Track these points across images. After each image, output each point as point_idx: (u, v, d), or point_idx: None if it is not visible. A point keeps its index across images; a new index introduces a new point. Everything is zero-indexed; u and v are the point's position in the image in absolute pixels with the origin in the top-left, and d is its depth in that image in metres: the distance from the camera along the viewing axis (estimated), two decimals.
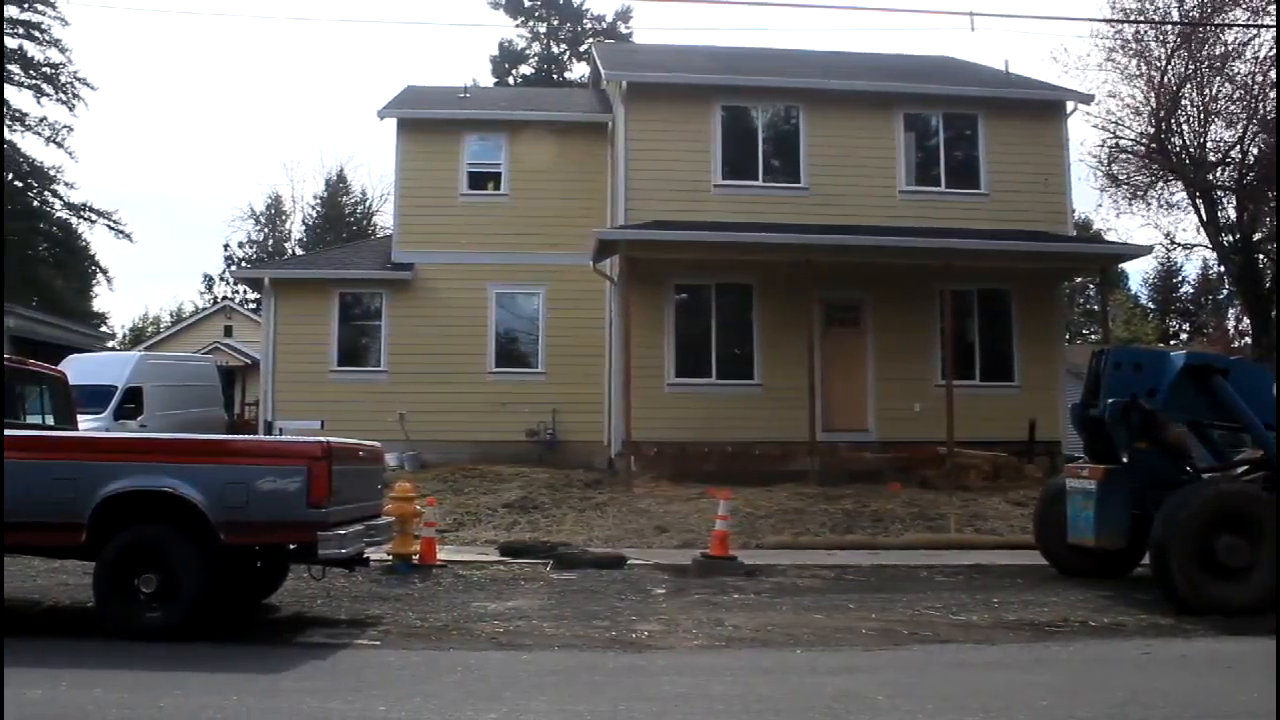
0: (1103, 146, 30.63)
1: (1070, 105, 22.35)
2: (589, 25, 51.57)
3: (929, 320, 20.28)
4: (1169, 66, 28.10)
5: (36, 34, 45.43)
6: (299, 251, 54.81)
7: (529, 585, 11.27)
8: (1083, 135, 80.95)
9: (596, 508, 16.32)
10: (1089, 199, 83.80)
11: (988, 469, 18.50)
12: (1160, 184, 30.48)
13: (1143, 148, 29.92)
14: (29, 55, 45.54)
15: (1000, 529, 15.24)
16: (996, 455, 18.89)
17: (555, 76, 50.41)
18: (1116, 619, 9.49)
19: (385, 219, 52.09)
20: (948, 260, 19.07)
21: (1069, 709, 6.27)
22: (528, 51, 52.24)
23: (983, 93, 22.12)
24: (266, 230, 60.37)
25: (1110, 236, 32.32)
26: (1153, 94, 28.60)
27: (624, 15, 51.71)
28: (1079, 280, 22.85)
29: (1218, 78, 28.05)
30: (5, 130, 44.17)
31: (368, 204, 59.19)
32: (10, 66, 45.43)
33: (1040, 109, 22.10)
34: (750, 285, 20.47)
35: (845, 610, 9.88)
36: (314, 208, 59.71)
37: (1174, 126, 28.99)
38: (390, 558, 11.66)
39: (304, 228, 59.75)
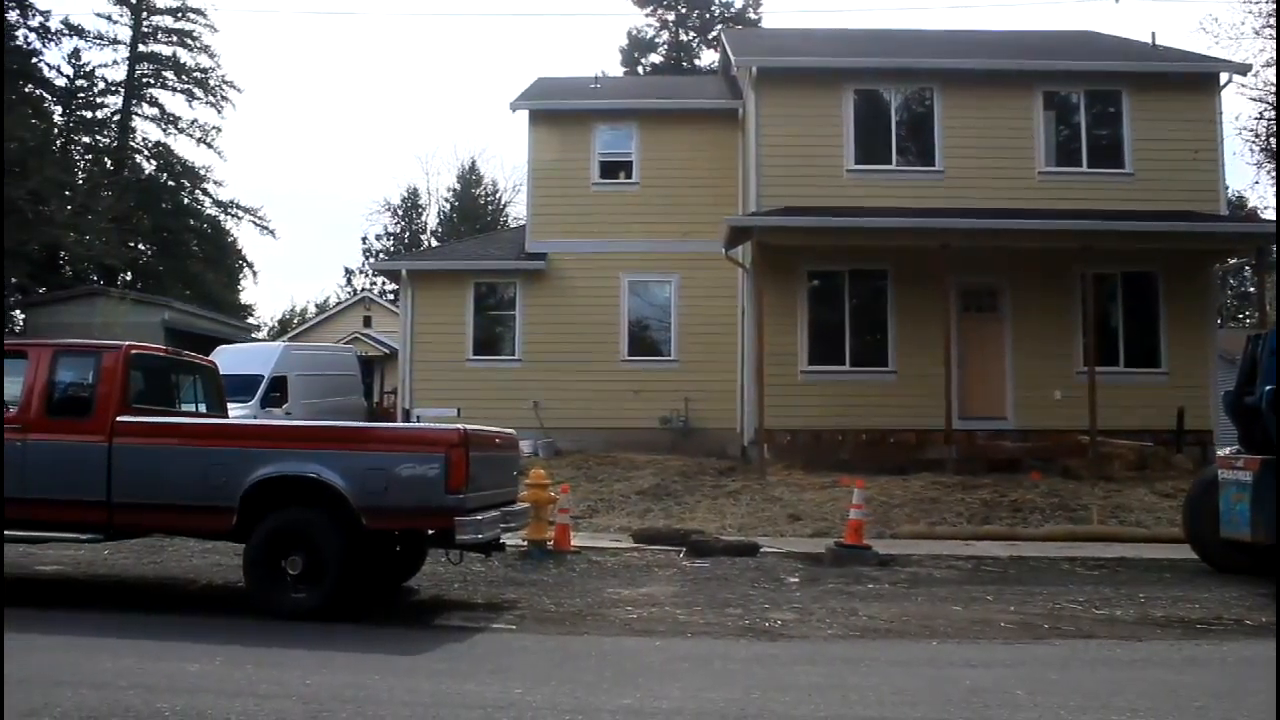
0: (1260, 119, 29.21)
1: (1224, 77, 21.26)
2: (717, 11, 51.38)
3: (1070, 305, 19.66)
4: None
5: (189, 41, 47.54)
6: (434, 243, 56.05)
7: (662, 572, 11.34)
8: (1237, 108, 77.09)
9: (729, 495, 16.31)
10: (1244, 175, 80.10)
11: (1133, 459, 17.87)
12: None
13: None
14: (181, 62, 47.72)
15: (1146, 521, 14.70)
16: (1142, 445, 18.24)
17: (684, 64, 50.38)
18: (1275, 618, 9.04)
19: (518, 210, 53.05)
20: (1090, 243, 18.45)
21: (1225, 712, 5.99)
22: (657, 40, 52.35)
23: (1127, 67, 21.28)
24: (403, 223, 61.93)
25: (1268, 214, 30.83)
26: None
27: (753, 1, 51.39)
28: (1232, 261, 21.73)
29: None
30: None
31: (499, 195, 60.22)
32: (165, 73, 47.70)
33: (1190, 82, 21.12)
34: (884, 271, 20.15)
35: (983, 602, 9.67)
36: (448, 200, 61.00)
37: None
38: (525, 543, 11.85)
39: (439, 220, 61.10)
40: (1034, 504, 15.41)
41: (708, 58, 49.43)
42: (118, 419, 8.63)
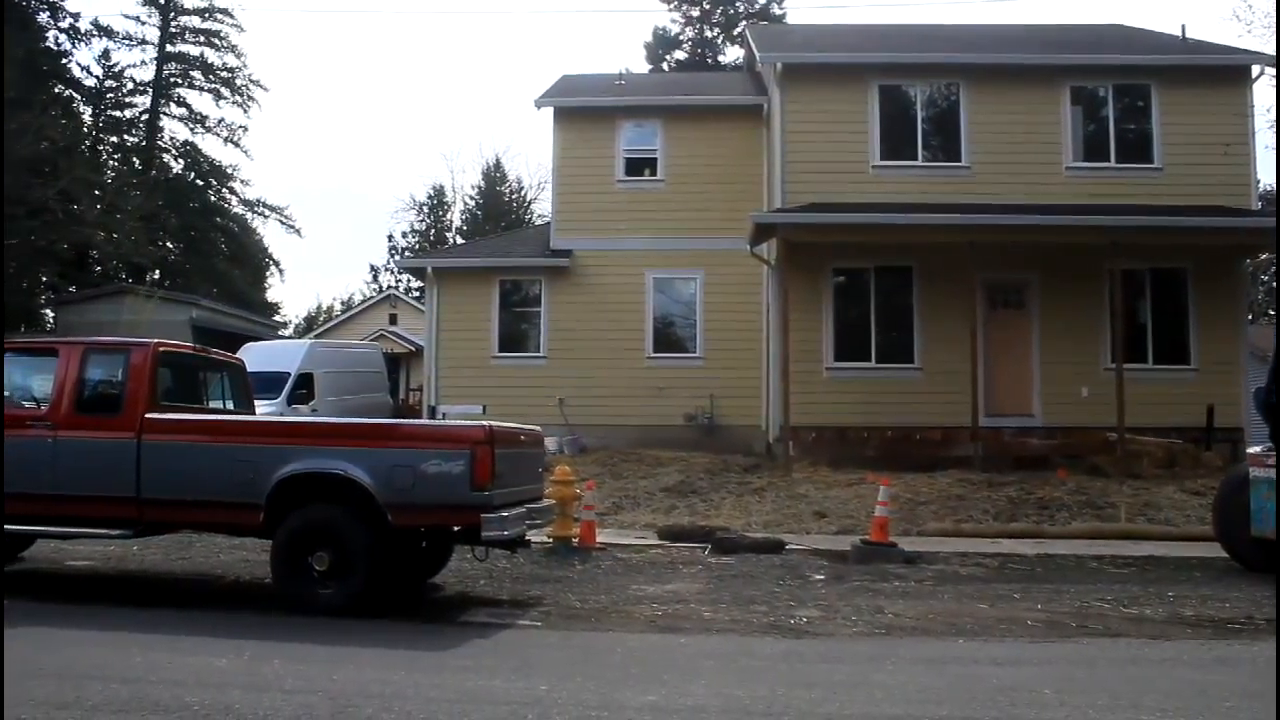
0: None
1: (1256, 69, 21.01)
2: (742, 8, 51.20)
3: (1098, 301, 19.50)
4: None
5: (216, 41, 47.93)
6: (459, 240, 56.20)
7: (687, 569, 11.33)
8: (1269, 101, 75.94)
9: (755, 492, 16.29)
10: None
11: (1161, 456, 17.71)
12: None
13: None
14: (209, 61, 48.11)
15: (1175, 519, 14.57)
16: (1171, 442, 18.07)
17: (709, 61, 50.26)
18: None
19: (542, 207, 53.11)
20: (1118, 238, 18.28)
21: (1256, 713, 5.91)
22: (681, 37, 52.23)
23: (1156, 61, 21.07)
24: (428, 220, 62.13)
25: None
26: None
27: None
28: (1264, 256, 21.49)
29: None
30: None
31: (524, 193, 60.35)
32: (192, 73, 48.12)
33: (1221, 75, 20.88)
34: (910, 267, 20.05)
35: (1009, 600, 9.61)
36: (473, 198, 61.16)
37: None
38: (550, 540, 11.88)
39: (464, 217, 61.28)
40: (1061, 502, 15.30)
41: (732, 54, 49.32)
42: (146, 416, 8.70)
